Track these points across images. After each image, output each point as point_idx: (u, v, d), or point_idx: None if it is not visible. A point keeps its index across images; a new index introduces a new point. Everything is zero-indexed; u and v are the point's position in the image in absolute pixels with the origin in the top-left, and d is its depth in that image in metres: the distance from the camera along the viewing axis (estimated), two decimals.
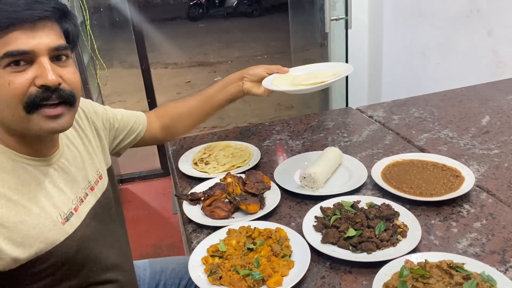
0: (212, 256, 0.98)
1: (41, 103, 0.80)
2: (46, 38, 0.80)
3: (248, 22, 9.43)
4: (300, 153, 1.46)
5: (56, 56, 0.82)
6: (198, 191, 1.23)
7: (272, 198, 1.19)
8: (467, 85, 1.99)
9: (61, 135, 0.98)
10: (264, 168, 1.41)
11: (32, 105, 0.79)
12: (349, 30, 2.72)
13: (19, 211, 0.82)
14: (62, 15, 0.84)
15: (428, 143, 1.47)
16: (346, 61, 2.82)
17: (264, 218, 1.12)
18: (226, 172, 1.29)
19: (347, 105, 2.97)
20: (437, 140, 1.49)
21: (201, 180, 1.34)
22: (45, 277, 0.86)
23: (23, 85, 0.78)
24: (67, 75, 0.83)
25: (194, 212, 1.17)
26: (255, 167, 1.40)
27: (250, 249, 0.98)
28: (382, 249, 0.95)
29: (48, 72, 0.79)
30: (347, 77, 2.88)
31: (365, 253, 0.94)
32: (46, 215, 0.86)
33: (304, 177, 1.22)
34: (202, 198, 1.20)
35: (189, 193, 1.23)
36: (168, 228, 1.04)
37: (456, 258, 0.88)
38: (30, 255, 0.82)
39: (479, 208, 1.10)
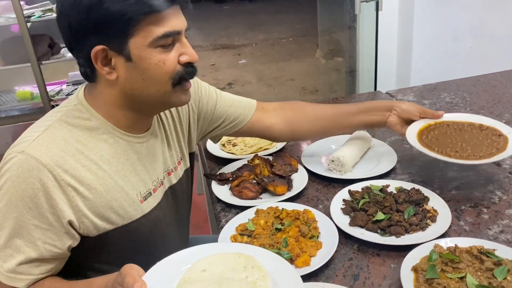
0: (241, 234, 1.00)
1: (185, 78, 0.87)
2: (183, 19, 0.86)
3: (274, 4, 9.28)
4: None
5: None
6: (226, 172, 1.25)
7: (299, 180, 1.20)
8: (501, 70, 1.93)
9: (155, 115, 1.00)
10: (290, 151, 1.41)
11: (178, 80, 0.86)
12: (379, 12, 2.65)
13: (106, 180, 0.86)
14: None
15: None
16: (376, 44, 2.75)
17: (291, 200, 1.13)
18: (254, 154, 1.30)
19: (375, 89, 2.92)
20: None
21: (229, 161, 1.36)
22: (115, 251, 0.90)
23: (174, 63, 0.84)
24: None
25: (222, 192, 1.18)
26: (282, 150, 1.41)
27: (278, 229, 1.00)
28: (411, 233, 0.95)
29: (192, 50, 0.86)
30: (376, 60, 2.81)
31: (393, 237, 0.95)
32: (128, 190, 0.89)
33: (332, 160, 1.22)
34: (230, 179, 1.22)
35: (218, 173, 1.25)
36: (193, 208, 1.05)
37: (487, 244, 0.87)
38: (106, 225, 0.86)
39: (511, 195, 1.08)
